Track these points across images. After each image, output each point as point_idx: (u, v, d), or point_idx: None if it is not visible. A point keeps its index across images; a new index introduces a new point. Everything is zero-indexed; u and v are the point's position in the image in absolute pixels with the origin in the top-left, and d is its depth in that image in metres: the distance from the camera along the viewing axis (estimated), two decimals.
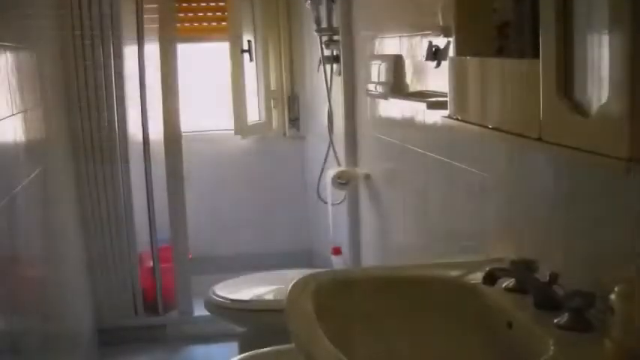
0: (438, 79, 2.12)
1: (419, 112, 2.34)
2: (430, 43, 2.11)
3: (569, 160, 1.40)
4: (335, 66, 3.61)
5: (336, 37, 3.47)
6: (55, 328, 2.63)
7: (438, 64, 2.09)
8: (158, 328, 3.76)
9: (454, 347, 1.59)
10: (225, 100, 4.23)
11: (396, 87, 2.49)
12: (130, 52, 3.60)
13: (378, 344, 1.64)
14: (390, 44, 2.66)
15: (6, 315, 1.90)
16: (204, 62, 4.64)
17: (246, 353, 2.46)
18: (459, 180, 2.06)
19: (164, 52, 3.63)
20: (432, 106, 2.02)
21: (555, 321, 1.32)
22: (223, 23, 4.35)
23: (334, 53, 3.57)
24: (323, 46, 3.60)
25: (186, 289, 3.77)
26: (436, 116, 2.09)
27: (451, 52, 1.80)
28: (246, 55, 4.11)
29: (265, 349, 2.44)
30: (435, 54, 2.08)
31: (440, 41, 2.07)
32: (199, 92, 4.59)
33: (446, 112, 1.75)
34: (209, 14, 4.51)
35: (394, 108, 2.64)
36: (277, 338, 2.13)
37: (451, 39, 1.78)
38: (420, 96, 2.22)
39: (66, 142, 3.32)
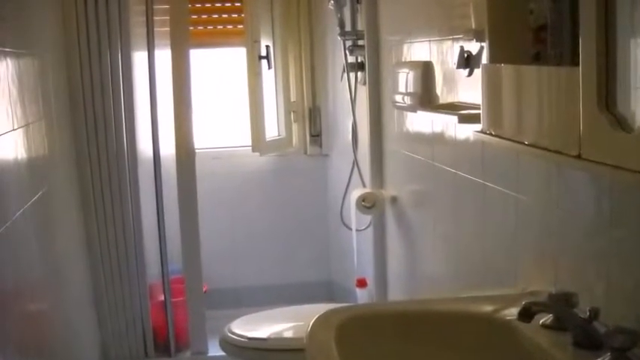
0: (471, 89, 2.13)
1: (449, 126, 2.35)
2: (462, 48, 2.12)
3: (612, 180, 1.40)
4: (360, 74, 3.62)
5: (360, 42, 3.49)
6: None
7: (471, 73, 2.10)
8: None
9: None
10: (241, 112, 4.26)
11: (425, 98, 2.49)
12: (138, 58, 3.59)
13: None
14: (419, 50, 2.68)
15: (5, 355, 1.90)
16: (219, 69, 4.69)
17: None
18: (493, 203, 2.06)
19: (176, 59, 3.60)
20: (464, 119, 2.03)
21: None
22: (240, 26, 4.38)
23: (359, 60, 3.59)
24: (347, 51, 3.62)
25: (200, 326, 3.75)
26: (468, 131, 2.10)
27: (484, 59, 1.81)
28: (264, 63, 4.13)
29: None
30: (467, 61, 2.09)
31: (472, 46, 2.08)
32: (214, 103, 4.63)
33: (478, 127, 1.75)
34: (224, 16, 4.54)
35: (423, 122, 2.65)
36: None
37: (484, 44, 1.79)
38: (450, 108, 2.22)
39: (70, 159, 3.31)
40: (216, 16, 4.55)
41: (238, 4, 4.45)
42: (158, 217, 3.70)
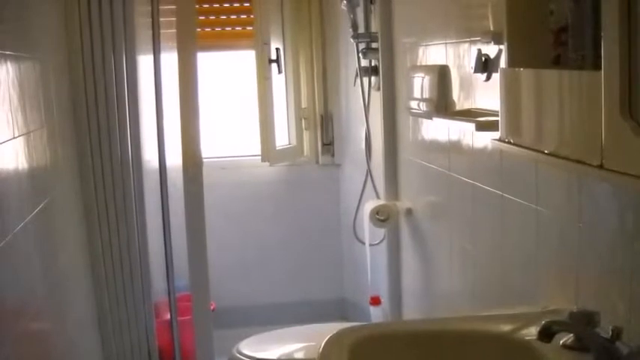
0: (489, 94, 2.13)
1: (466, 134, 2.35)
2: (479, 51, 2.12)
3: (636, 192, 1.39)
4: (373, 79, 3.62)
5: (374, 45, 3.49)
6: None
7: (489, 77, 2.10)
8: None
9: None
10: (249, 119, 4.26)
11: (441, 104, 2.49)
12: (143, 61, 3.53)
13: None
14: (435, 53, 2.68)
15: None
16: (227, 74, 4.70)
17: None
18: (511, 216, 2.05)
19: (183, 62, 3.53)
20: (481, 127, 2.02)
21: None
22: (249, 28, 4.39)
23: (372, 64, 3.59)
24: (360, 55, 3.62)
25: (207, 346, 3.70)
26: (486, 139, 2.09)
27: (503, 63, 1.81)
28: (273, 67, 4.13)
29: None
30: (485, 64, 2.09)
31: (490, 49, 2.08)
32: (221, 110, 4.63)
33: (496, 135, 1.75)
34: (232, 17, 4.55)
35: (439, 129, 2.65)
36: None
37: (502, 46, 1.78)
38: (467, 115, 2.22)
39: (73, 169, 3.28)
40: (224, 17, 4.55)
41: (247, 5, 4.45)
42: (164, 230, 3.67)
